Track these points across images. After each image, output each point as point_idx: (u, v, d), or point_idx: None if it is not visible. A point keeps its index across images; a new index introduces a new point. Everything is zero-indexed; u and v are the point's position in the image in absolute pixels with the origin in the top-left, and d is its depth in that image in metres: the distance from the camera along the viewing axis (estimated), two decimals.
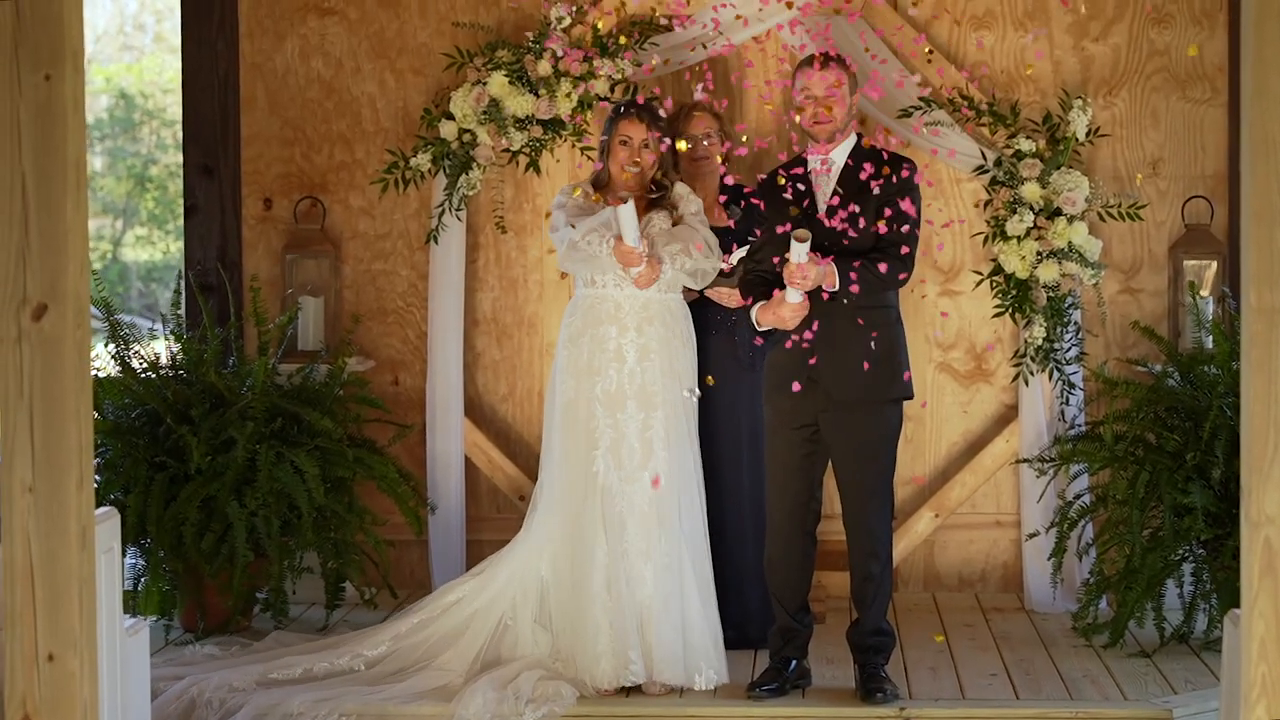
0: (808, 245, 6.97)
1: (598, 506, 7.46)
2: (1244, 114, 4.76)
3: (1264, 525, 4.68)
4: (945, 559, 9.15)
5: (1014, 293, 8.67)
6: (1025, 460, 8.77)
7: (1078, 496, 8.42)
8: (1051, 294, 8.63)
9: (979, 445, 9.09)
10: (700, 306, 7.91)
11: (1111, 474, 8.15)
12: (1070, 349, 8.72)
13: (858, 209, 7.13)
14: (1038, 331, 8.65)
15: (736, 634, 7.81)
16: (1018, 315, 8.71)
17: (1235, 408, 7.72)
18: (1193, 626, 7.98)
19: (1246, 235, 4.80)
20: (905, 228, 7.18)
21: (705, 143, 8.18)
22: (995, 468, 9.04)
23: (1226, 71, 8.98)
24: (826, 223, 7.15)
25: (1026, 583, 8.88)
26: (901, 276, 7.19)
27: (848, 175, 7.23)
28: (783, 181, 7.29)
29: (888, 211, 7.15)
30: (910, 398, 7.33)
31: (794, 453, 7.24)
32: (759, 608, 7.85)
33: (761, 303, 7.23)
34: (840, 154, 7.29)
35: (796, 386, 7.14)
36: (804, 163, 7.33)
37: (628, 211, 7.29)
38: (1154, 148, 9.04)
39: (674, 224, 7.62)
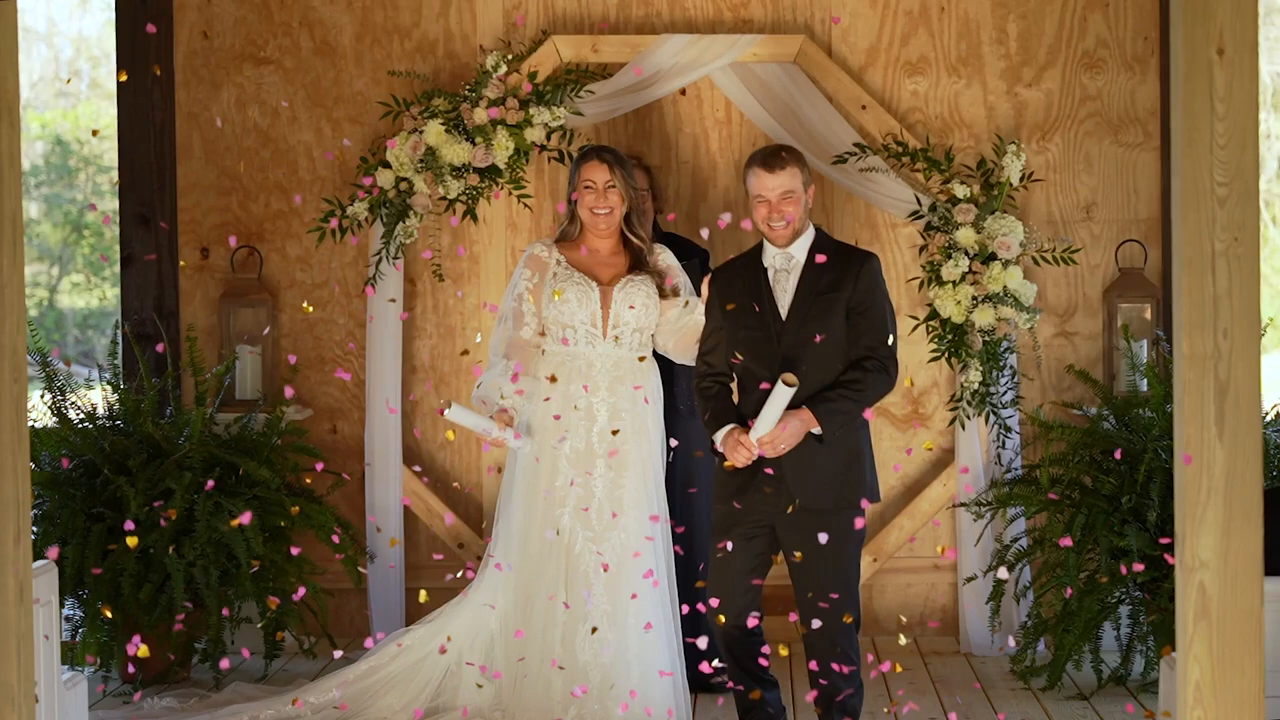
0: (793, 392, 6.65)
1: (561, 566, 7.35)
2: (1174, 164, 4.81)
3: (1198, 570, 4.72)
4: (883, 602, 9.17)
5: (950, 337, 8.69)
6: (962, 504, 8.80)
7: (1015, 540, 8.46)
8: (987, 338, 8.67)
9: (916, 489, 9.11)
10: None
11: (1048, 517, 8.19)
12: (1006, 393, 8.75)
13: (821, 311, 6.80)
14: (974, 376, 8.68)
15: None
16: (954, 359, 8.74)
17: (1170, 450, 7.77)
18: (1130, 669, 8.02)
19: (1178, 284, 4.84)
20: (881, 334, 6.84)
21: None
22: (933, 511, 9.06)
23: (1159, 116, 9.06)
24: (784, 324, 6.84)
25: (964, 626, 8.91)
26: (885, 388, 6.87)
27: (809, 274, 6.90)
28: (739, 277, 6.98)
29: (859, 317, 6.83)
30: (877, 500, 7.06)
31: (743, 555, 6.86)
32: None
33: (728, 428, 6.86)
34: (800, 250, 6.96)
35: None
36: (760, 257, 7.01)
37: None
38: (1087, 192, 9.11)
39: (661, 293, 7.53)
